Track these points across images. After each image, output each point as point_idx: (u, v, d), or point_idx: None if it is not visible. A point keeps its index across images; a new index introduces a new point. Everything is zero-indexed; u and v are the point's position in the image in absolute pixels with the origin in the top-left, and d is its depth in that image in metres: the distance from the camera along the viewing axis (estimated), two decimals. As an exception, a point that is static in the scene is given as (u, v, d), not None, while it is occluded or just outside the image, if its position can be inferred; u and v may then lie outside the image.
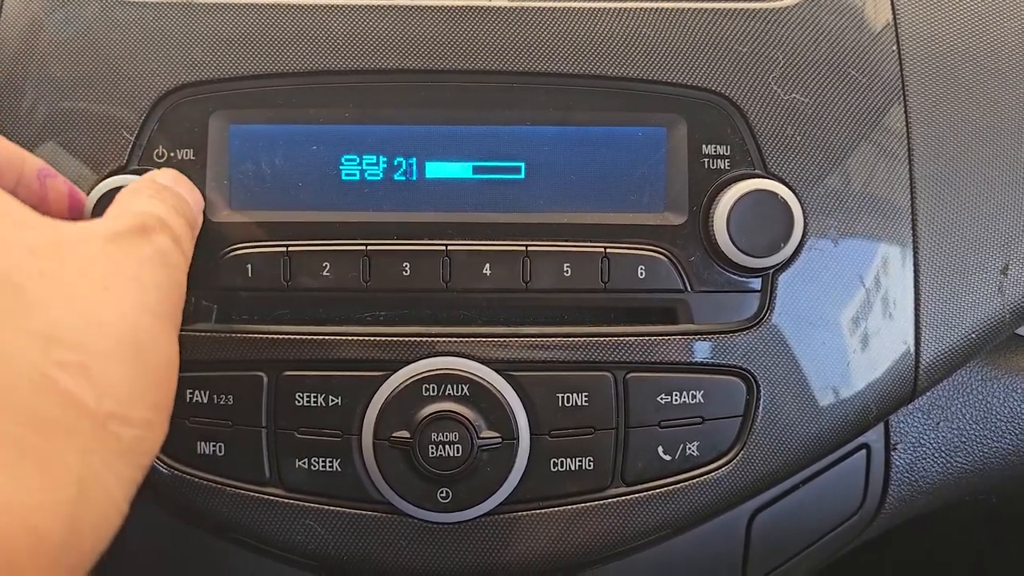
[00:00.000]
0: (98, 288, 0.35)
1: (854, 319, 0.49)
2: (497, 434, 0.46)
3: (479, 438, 0.46)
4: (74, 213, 0.46)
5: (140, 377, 0.35)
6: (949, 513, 0.57)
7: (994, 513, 0.61)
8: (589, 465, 0.47)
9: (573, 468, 0.47)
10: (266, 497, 0.47)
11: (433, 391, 0.46)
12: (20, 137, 0.47)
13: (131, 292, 0.36)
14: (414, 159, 0.48)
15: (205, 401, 0.47)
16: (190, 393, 0.47)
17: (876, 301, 0.49)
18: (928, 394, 0.54)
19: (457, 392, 0.46)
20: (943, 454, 0.55)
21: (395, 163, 0.48)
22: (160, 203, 0.42)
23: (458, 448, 0.46)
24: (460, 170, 0.48)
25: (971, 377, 0.55)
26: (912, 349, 0.49)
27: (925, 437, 0.54)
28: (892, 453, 0.54)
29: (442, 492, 0.46)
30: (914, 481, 0.54)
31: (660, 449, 0.48)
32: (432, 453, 0.46)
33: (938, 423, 0.54)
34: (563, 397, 0.47)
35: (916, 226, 0.50)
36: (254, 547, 0.49)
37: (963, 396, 0.55)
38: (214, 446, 0.47)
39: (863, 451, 0.54)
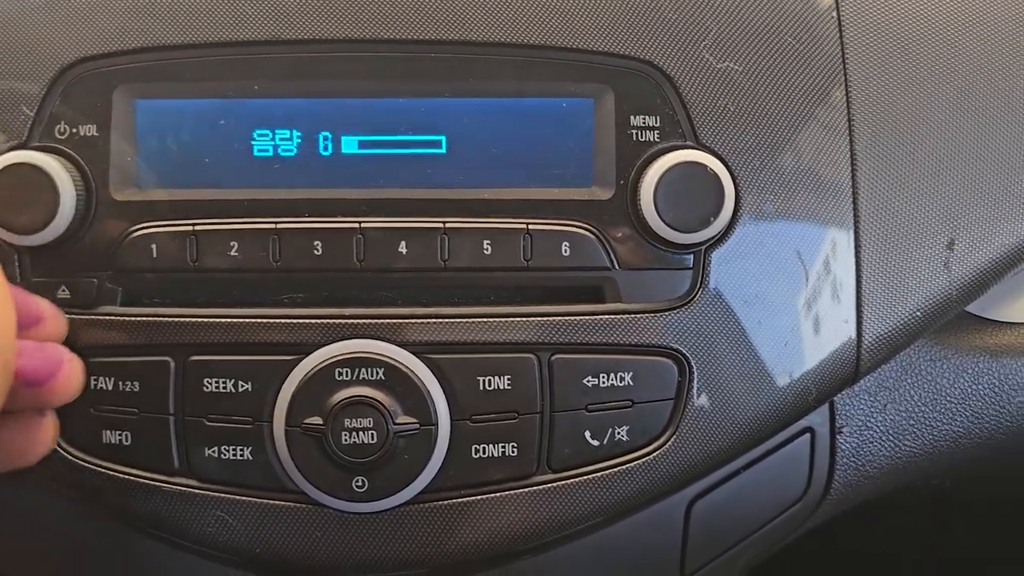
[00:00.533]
0: None
1: (792, 298, 0.47)
2: (414, 420, 0.44)
3: (395, 424, 0.44)
4: None
5: None
6: (895, 498, 0.55)
7: (940, 496, 0.59)
8: (513, 451, 0.45)
9: (496, 454, 0.45)
10: (176, 488, 0.45)
11: (347, 375, 0.44)
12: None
13: None
14: (329, 133, 0.46)
15: (110, 388, 0.45)
16: (94, 380, 0.45)
17: (815, 279, 0.47)
18: (875, 375, 0.52)
19: (372, 376, 0.44)
20: (891, 437, 0.53)
21: (309, 137, 0.46)
22: None
23: (373, 435, 0.44)
24: (376, 144, 0.46)
25: (919, 357, 0.53)
26: (853, 328, 0.47)
27: (872, 420, 0.52)
28: (837, 437, 0.52)
29: (358, 481, 0.44)
30: (861, 465, 0.52)
31: (587, 434, 0.46)
32: (346, 440, 0.44)
33: (885, 405, 0.52)
34: (485, 380, 0.45)
35: (857, 201, 0.48)
36: (167, 539, 0.47)
37: (911, 377, 0.53)
38: (120, 435, 0.45)
39: (807, 435, 0.51)
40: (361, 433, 0.44)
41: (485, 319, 0.45)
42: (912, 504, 0.62)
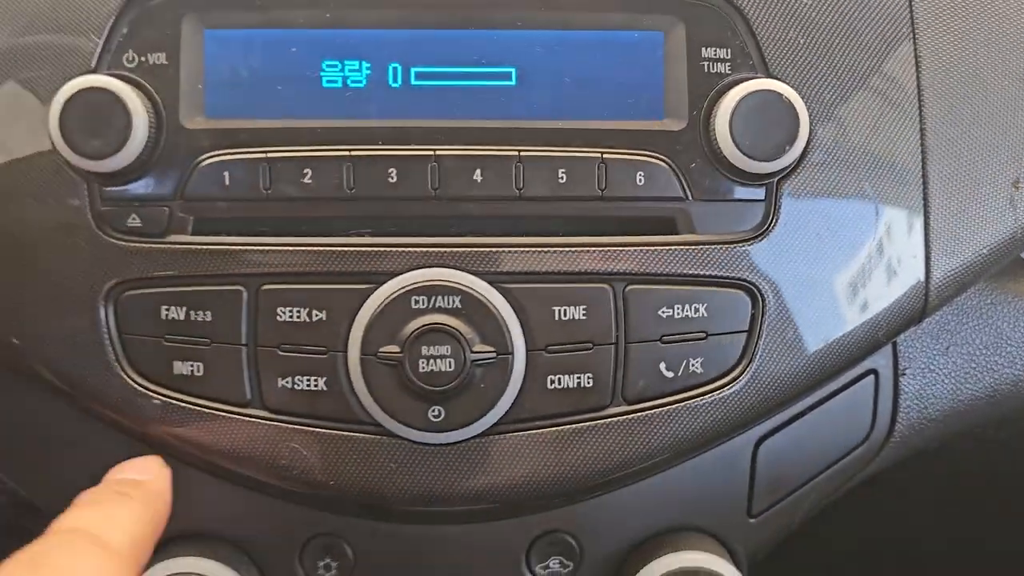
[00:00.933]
0: None
1: (861, 232, 0.47)
2: (491, 348, 0.44)
3: (472, 352, 0.43)
4: None
5: None
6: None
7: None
8: (588, 382, 0.45)
9: (571, 385, 0.45)
10: (248, 419, 0.45)
11: (423, 304, 0.44)
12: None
13: None
14: (399, 65, 0.46)
15: (181, 318, 0.44)
16: (165, 309, 0.44)
17: (884, 214, 0.47)
18: (937, 318, 0.52)
19: (448, 304, 0.44)
20: (953, 380, 0.53)
21: (379, 69, 0.46)
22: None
23: (450, 362, 0.43)
24: (445, 76, 0.46)
25: (980, 301, 0.53)
26: (922, 264, 0.47)
27: (935, 363, 0.52)
28: (901, 379, 0.52)
29: (434, 411, 0.44)
30: (924, 408, 0.52)
31: (662, 365, 0.45)
32: (423, 368, 0.43)
33: (947, 348, 0.52)
34: (560, 311, 0.45)
35: (924, 136, 0.48)
36: (225, 475, 0.47)
37: (972, 320, 0.53)
38: (191, 366, 0.45)
39: (871, 376, 0.51)
40: (438, 361, 0.43)
41: (559, 248, 0.45)
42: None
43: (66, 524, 0.38)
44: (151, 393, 0.45)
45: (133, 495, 0.41)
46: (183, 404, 0.45)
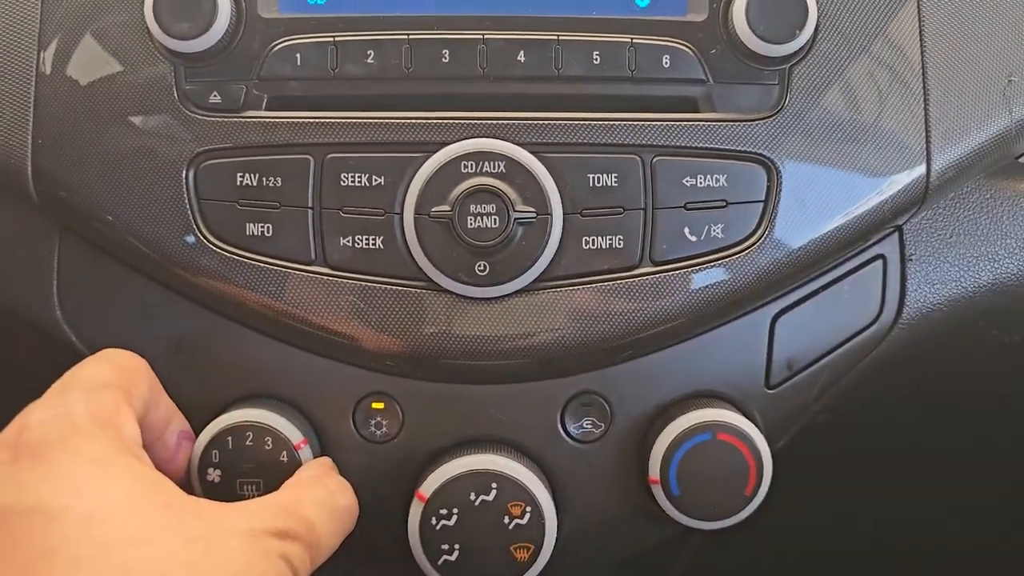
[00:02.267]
0: None
1: (866, 114, 0.52)
2: (532, 209, 0.49)
3: (515, 211, 0.48)
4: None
5: None
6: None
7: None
8: (619, 244, 0.50)
9: (604, 246, 0.50)
10: (312, 275, 0.50)
11: (471, 168, 0.49)
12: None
13: None
14: (452, -34, 0.52)
15: (254, 184, 0.50)
16: (240, 176, 0.50)
17: (887, 100, 0.52)
18: (941, 209, 0.56)
19: (494, 169, 0.49)
20: (957, 268, 0.56)
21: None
22: (312, 501, 0.46)
23: (495, 219, 0.48)
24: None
25: (980, 196, 0.57)
26: (923, 144, 0.52)
27: (940, 251, 0.56)
28: (908, 264, 0.56)
29: (480, 265, 0.49)
30: (930, 293, 0.56)
31: (686, 230, 0.50)
32: (471, 224, 0.48)
33: (951, 236, 0.57)
34: (594, 178, 0.50)
35: (923, 30, 0.53)
36: (285, 334, 0.52)
37: (974, 213, 0.57)
38: (262, 227, 0.50)
39: (880, 261, 0.56)
40: (485, 218, 0.48)
41: (594, 122, 0.50)
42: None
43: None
44: (226, 252, 0.50)
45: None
46: (254, 262, 0.50)
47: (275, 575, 0.41)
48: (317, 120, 0.50)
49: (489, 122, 0.50)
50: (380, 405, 0.53)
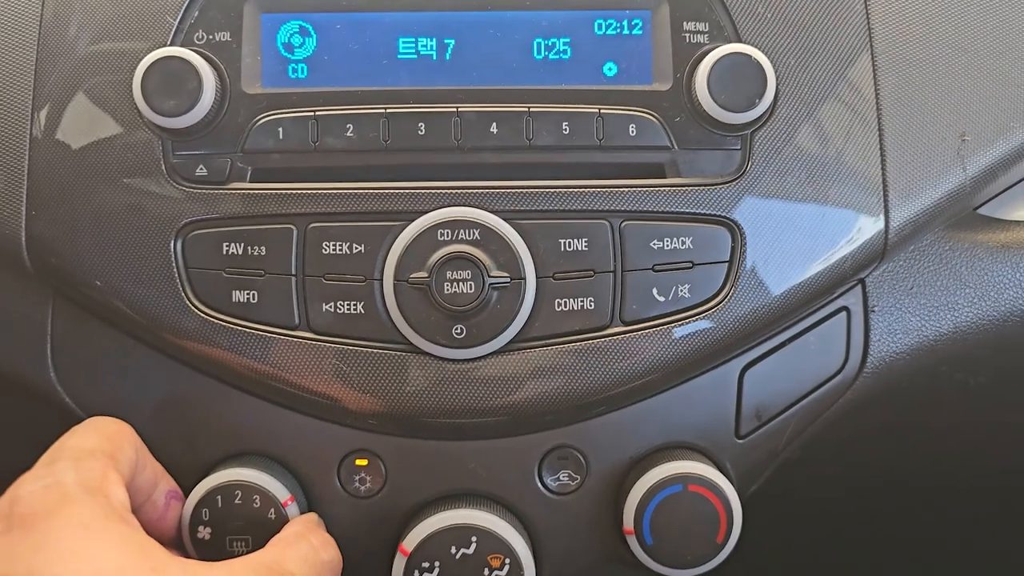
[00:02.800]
0: None
1: (825, 176, 0.54)
2: (506, 274, 0.51)
3: (490, 276, 0.50)
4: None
5: None
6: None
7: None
8: (590, 305, 0.52)
9: (576, 308, 0.52)
10: (296, 340, 0.52)
11: (447, 235, 0.51)
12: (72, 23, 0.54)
13: None
14: (434, 39, 0.54)
15: (240, 253, 0.52)
16: (226, 246, 0.52)
17: (845, 159, 0.54)
18: (902, 262, 0.59)
19: (469, 236, 0.51)
20: (919, 317, 0.59)
21: (424, 43, 0.54)
22: (296, 558, 0.48)
23: (471, 285, 0.50)
24: (471, 49, 0.54)
25: (939, 248, 0.60)
26: (881, 204, 0.54)
27: (902, 301, 0.59)
28: (871, 315, 0.58)
29: (457, 328, 0.51)
30: (893, 342, 0.58)
31: (655, 291, 0.52)
32: (447, 290, 0.50)
33: (912, 287, 0.59)
34: (565, 243, 0.52)
35: (879, 95, 0.55)
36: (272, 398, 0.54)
37: (933, 264, 0.59)
38: (248, 294, 0.52)
39: (843, 313, 0.58)
40: (461, 284, 0.50)
41: (564, 190, 0.52)
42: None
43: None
44: (213, 318, 0.52)
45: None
46: (240, 328, 0.52)
47: None
48: (299, 191, 0.52)
49: (464, 191, 0.52)
50: (364, 461, 0.55)
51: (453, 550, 0.52)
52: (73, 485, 0.44)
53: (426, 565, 0.52)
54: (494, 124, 0.52)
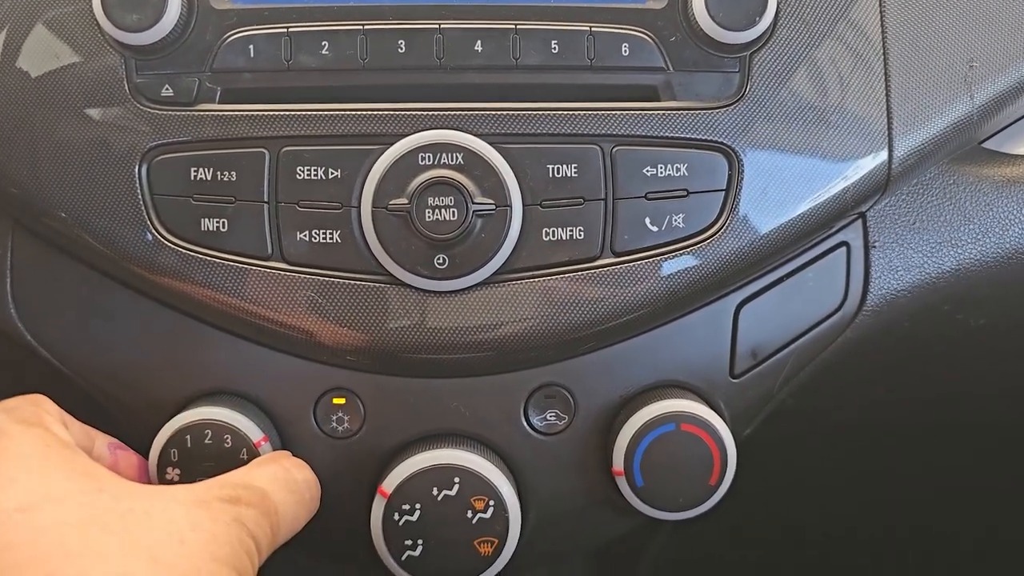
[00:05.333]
0: (175, 541, 0.39)
1: (828, 102, 0.51)
2: (491, 201, 0.48)
3: (474, 203, 0.48)
4: (142, 478, 0.50)
5: None
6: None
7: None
8: (580, 235, 0.49)
9: (564, 237, 0.49)
10: (268, 271, 0.49)
11: (429, 160, 0.48)
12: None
13: (204, 544, 0.39)
14: (408, -46, 0.51)
15: (208, 179, 0.49)
16: (194, 171, 0.49)
17: (849, 85, 0.51)
18: (905, 196, 0.56)
19: (452, 161, 0.48)
20: (921, 254, 0.56)
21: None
22: (264, 476, 0.46)
23: (454, 212, 0.48)
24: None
25: (944, 182, 0.57)
26: (884, 131, 0.52)
27: (904, 237, 0.56)
28: (872, 251, 0.56)
29: (439, 258, 0.48)
30: (894, 280, 0.56)
31: (647, 220, 0.50)
32: (429, 218, 0.48)
33: (913, 223, 0.56)
34: (553, 168, 0.49)
35: (884, 17, 0.52)
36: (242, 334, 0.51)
37: (938, 199, 0.57)
38: (217, 222, 0.49)
39: (843, 248, 0.56)
40: (443, 210, 0.48)
41: (553, 112, 0.49)
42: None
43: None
44: (181, 248, 0.49)
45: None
46: (209, 258, 0.49)
47: (229, 537, 0.40)
48: (271, 113, 0.49)
49: (446, 113, 0.49)
50: (341, 400, 0.52)
51: (435, 492, 0.49)
52: (7, 422, 0.42)
53: (406, 507, 0.49)
54: (479, 42, 0.49)
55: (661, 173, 0.50)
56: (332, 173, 0.49)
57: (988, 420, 0.68)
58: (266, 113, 0.49)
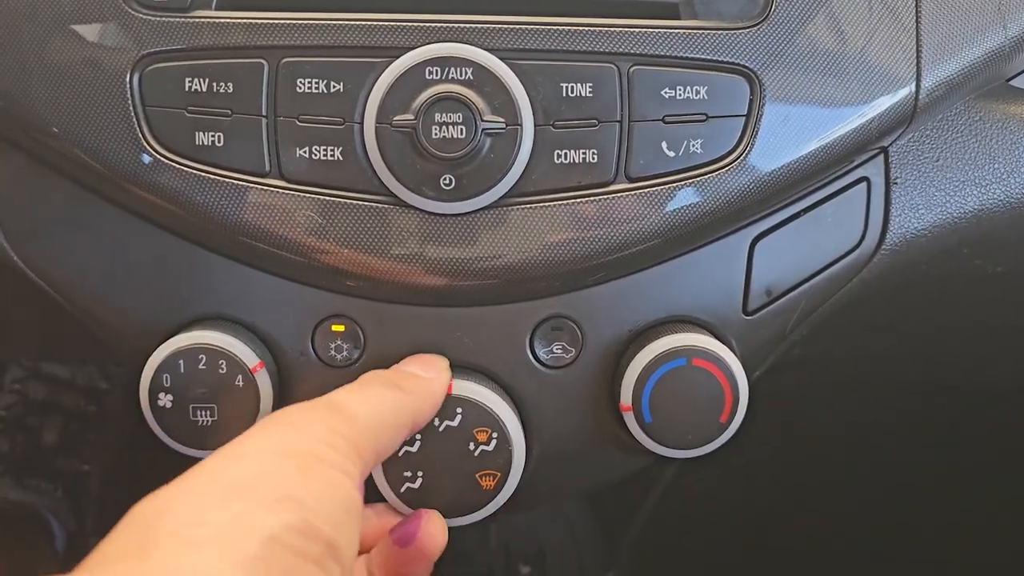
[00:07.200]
0: None
1: (855, 27, 0.49)
2: (501, 119, 0.46)
3: (483, 120, 0.45)
4: None
5: None
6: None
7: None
8: (593, 158, 0.47)
9: (577, 160, 0.47)
10: (266, 188, 0.47)
11: (436, 74, 0.46)
12: None
13: None
14: None
15: (204, 90, 0.46)
16: (188, 81, 0.46)
17: (878, 10, 0.49)
18: (929, 132, 0.54)
19: (461, 76, 0.46)
20: (943, 192, 0.54)
21: None
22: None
23: (462, 130, 0.45)
24: None
25: (969, 118, 0.55)
26: (913, 60, 0.49)
27: (926, 175, 0.54)
28: (893, 188, 0.54)
29: (445, 179, 0.46)
30: (915, 218, 0.54)
31: (664, 145, 0.47)
32: (436, 135, 0.45)
33: (937, 159, 0.54)
34: (567, 87, 0.47)
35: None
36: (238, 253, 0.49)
37: (962, 135, 0.55)
38: (213, 136, 0.47)
39: (863, 184, 0.53)
40: (450, 128, 0.45)
41: (569, 27, 0.47)
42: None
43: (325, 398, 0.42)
44: (174, 163, 0.47)
45: (404, 386, 0.45)
46: (204, 174, 0.47)
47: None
48: (271, 21, 0.46)
49: (456, 26, 0.46)
50: (340, 327, 0.50)
51: (436, 422, 0.48)
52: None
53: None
54: (492, -49, 0.47)
55: (680, 96, 0.47)
56: (334, 86, 0.46)
57: (1000, 383, 0.66)
58: (265, 21, 0.46)
